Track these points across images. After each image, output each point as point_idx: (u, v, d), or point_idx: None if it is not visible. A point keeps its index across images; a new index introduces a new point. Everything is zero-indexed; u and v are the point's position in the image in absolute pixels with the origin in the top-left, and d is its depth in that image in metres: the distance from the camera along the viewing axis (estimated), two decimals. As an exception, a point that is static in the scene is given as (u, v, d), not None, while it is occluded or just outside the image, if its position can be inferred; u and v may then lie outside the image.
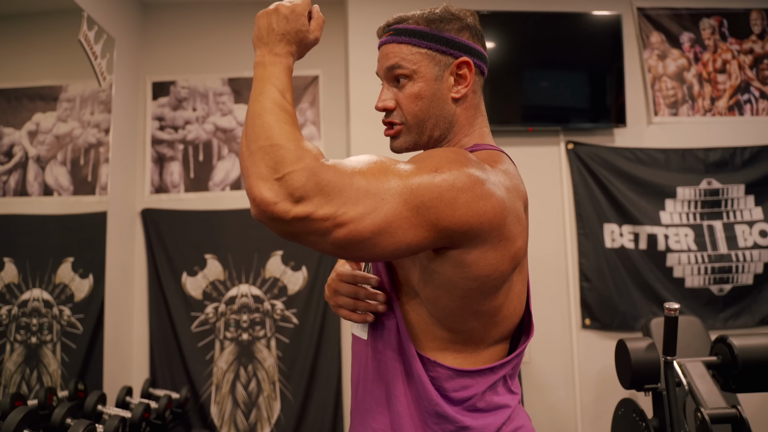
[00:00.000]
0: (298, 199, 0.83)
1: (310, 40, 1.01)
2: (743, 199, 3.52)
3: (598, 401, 3.33)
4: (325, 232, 0.85)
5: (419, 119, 1.13)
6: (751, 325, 3.44)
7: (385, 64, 1.14)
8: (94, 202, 3.03)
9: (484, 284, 0.98)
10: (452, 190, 0.90)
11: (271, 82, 0.94)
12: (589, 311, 3.38)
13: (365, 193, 0.86)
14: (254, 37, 0.99)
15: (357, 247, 0.88)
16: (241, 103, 3.64)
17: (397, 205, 0.87)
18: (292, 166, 0.83)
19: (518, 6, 3.51)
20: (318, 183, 0.83)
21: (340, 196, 0.84)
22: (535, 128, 3.45)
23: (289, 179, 0.83)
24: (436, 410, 1.03)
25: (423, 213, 0.89)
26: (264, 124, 0.88)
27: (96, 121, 3.04)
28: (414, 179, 0.89)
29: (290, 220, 0.83)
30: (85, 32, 2.81)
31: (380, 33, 1.18)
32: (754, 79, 3.67)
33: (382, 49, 1.16)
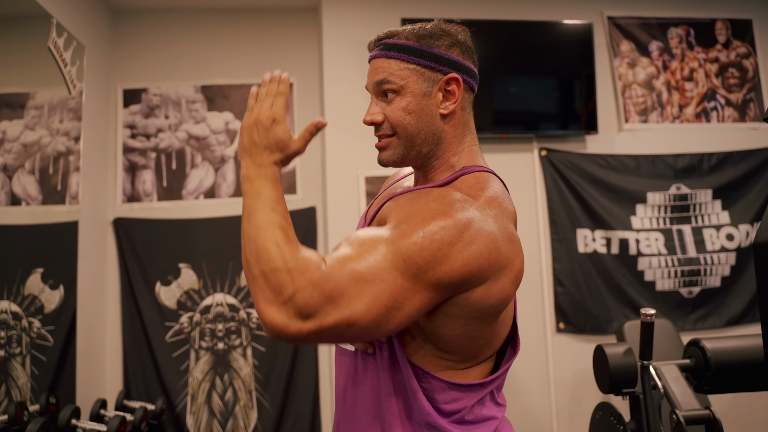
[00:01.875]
0: (308, 315, 0.86)
1: (292, 151, 1.02)
2: (711, 203, 3.61)
3: (573, 404, 3.38)
4: (341, 332, 0.89)
5: (409, 133, 1.13)
6: (719, 326, 3.53)
7: (374, 79, 1.14)
8: (64, 212, 2.98)
9: (488, 313, 1.00)
10: (443, 246, 0.92)
11: (260, 198, 0.95)
12: (563, 315, 3.43)
13: (364, 281, 0.89)
14: (239, 149, 1.02)
15: (374, 331, 0.91)
16: (213, 110, 3.62)
17: (397, 280, 0.90)
18: (295, 286, 0.86)
19: (491, 15, 3.55)
20: (323, 293, 0.87)
21: (344, 297, 0.87)
22: (509, 135, 3.49)
23: (296, 300, 0.86)
24: (428, 420, 1.04)
25: (421, 277, 0.91)
26: (260, 247, 0.90)
27: (65, 129, 2.99)
28: (404, 244, 0.92)
29: (306, 336, 0.87)
30: (55, 39, 2.77)
31: (371, 47, 1.18)
32: (720, 87, 3.77)
33: (371, 64, 1.16)
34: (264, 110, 1.01)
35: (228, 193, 3.57)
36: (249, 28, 3.71)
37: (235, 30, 3.71)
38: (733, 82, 3.78)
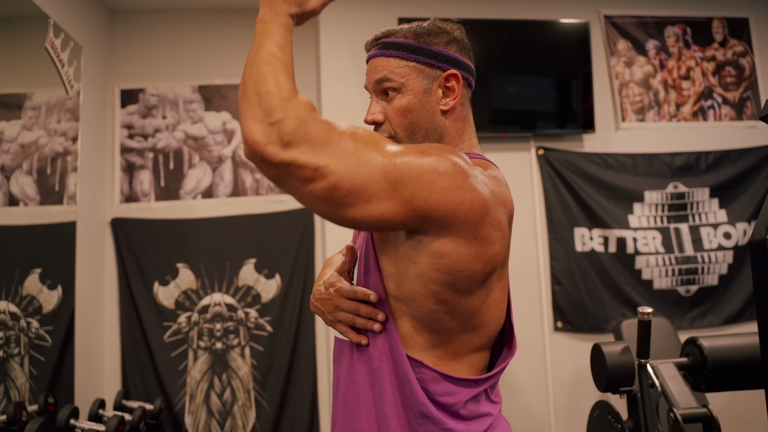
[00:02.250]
0: (286, 144, 0.89)
1: (309, 8, 1.02)
2: (708, 202, 3.62)
3: (571, 403, 3.38)
4: (306, 180, 0.91)
5: (409, 132, 1.14)
6: (717, 324, 3.53)
7: (374, 77, 1.15)
8: (62, 212, 2.98)
9: (456, 279, 1.00)
10: (433, 172, 0.94)
11: (270, 36, 0.97)
12: (561, 314, 3.43)
13: (350, 154, 0.92)
14: None
15: (333, 203, 0.93)
16: (211, 110, 3.62)
17: (377, 174, 0.93)
18: (284, 113, 0.90)
19: (487, 14, 3.55)
20: (306, 133, 0.90)
21: (325, 149, 0.91)
22: (507, 134, 3.49)
23: (281, 125, 0.89)
24: (422, 410, 1.05)
25: (400, 188, 0.94)
26: (261, 72, 0.93)
27: (63, 129, 2.98)
28: (399, 157, 0.95)
29: (277, 163, 0.90)
30: (52, 39, 2.76)
31: (368, 47, 1.20)
32: (717, 86, 3.78)
33: (370, 63, 1.17)
34: None
35: (225, 193, 3.56)
36: (246, 28, 3.71)
37: (231, 30, 3.71)
38: (730, 80, 3.79)
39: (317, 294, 1.22)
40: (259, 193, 3.58)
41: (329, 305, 1.17)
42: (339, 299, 1.15)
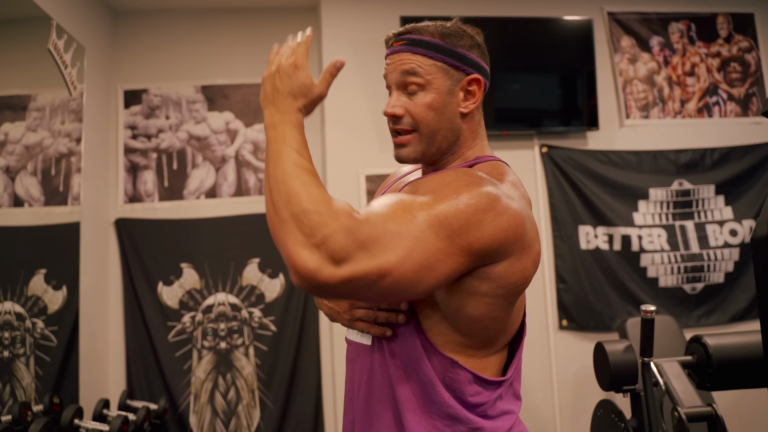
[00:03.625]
0: (341, 260, 0.83)
1: (315, 94, 1.00)
2: (714, 199, 3.59)
3: (576, 401, 3.37)
4: (372, 284, 0.87)
5: (431, 130, 1.14)
6: (723, 322, 3.51)
7: (401, 68, 1.14)
8: (66, 213, 2.98)
9: (511, 291, 1.02)
10: (477, 212, 0.94)
11: (286, 142, 0.93)
12: (566, 312, 3.42)
13: (400, 236, 0.88)
14: (261, 99, 1.00)
15: (403, 289, 0.90)
16: (214, 110, 3.62)
17: (431, 239, 0.90)
18: (328, 229, 0.83)
19: (491, 12, 3.54)
20: (357, 239, 0.84)
21: (378, 245, 0.86)
22: (510, 132, 3.48)
23: (329, 243, 0.83)
24: (449, 412, 1.06)
25: (455, 240, 0.92)
26: (290, 190, 0.87)
27: (67, 130, 2.99)
28: (438, 208, 0.92)
29: (337, 284, 0.84)
30: (55, 41, 2.77)
31: (390, 41, 1.20)
32: (722, 82, 3.75)
33: (394, 57, 1.17)
34: (285, 58, 1.00)
35: (229, 192, 3.57)
36: (248, 28, 3.71)
37: (234, 30, 3.71)
38: (735, 76, 3.76)
39: None
40: (263, 192, 3.58)
41: (344, 304, 1.15)
42: None
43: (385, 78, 1.18)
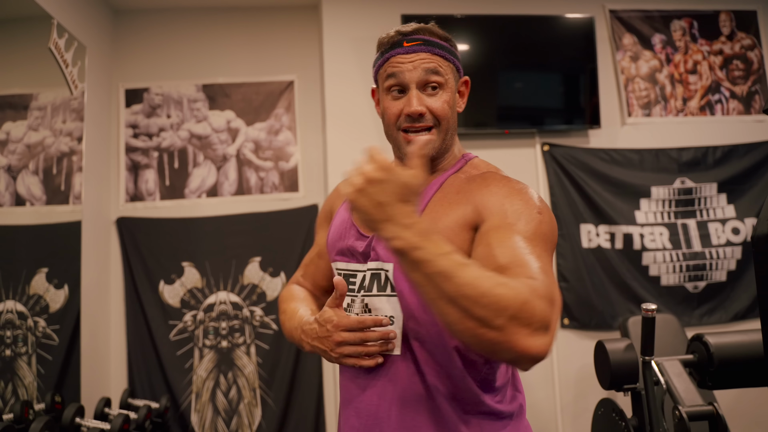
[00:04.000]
0: (548, 327, 0.87)
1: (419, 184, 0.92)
2: (716, 197, 3.58)
3: (578, 400, 3.37)
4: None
5: (447, 126, 1.21)
6: (725, 321, 3.50)
7: (423, 66, 1.17)
8: (68, 212, 2.99)
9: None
10: (550, 219, 1.08)
11: (442, 256, 0.87)
12: (568, 311, 3.42)
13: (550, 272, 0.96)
14: (366, 222, 0.90)
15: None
16: (215, 109, 3.62)
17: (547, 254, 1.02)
18: (538, 308, 0.85)
19: (492, 9, 3.53)
20: (550, 300, 0.89)
21: (555, 294, 0.91)
22: (511, 131, 3.47)
23: (544, 319, 0.86)
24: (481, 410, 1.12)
25: (551, 249, 1.06)
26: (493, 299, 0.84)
27: (68, 129, 2.99)
28: (539, 230, 1.03)
29: (550, 347, 0.88)
30: (56, 40, 2.77)
31: (396, 40, 1.21)
32: (724, 80, 3.74)
33: (412, 56, 1.19)
34: (366, 169, 0.89)
35: (230, 191, 3.57)
36: (249, 27, 3.71)
37: (235, 28, 3.71)
38: (738, 74, 3.75)
39: (312, 333, 1.20)
40: (264, 191, 3.58)
41: (330, 343, 1.15)
42: (340, 334, 1.14)
43: (392, 76, 1.19)
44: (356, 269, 1.23)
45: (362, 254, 1.22)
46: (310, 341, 1.20)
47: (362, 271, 1.22)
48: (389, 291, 1.16)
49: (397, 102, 1.20)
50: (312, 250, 1.49)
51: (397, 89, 1.20)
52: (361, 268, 1.22)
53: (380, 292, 1.18)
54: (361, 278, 1.21)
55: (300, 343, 1.24)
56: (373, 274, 1.19)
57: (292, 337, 1.29)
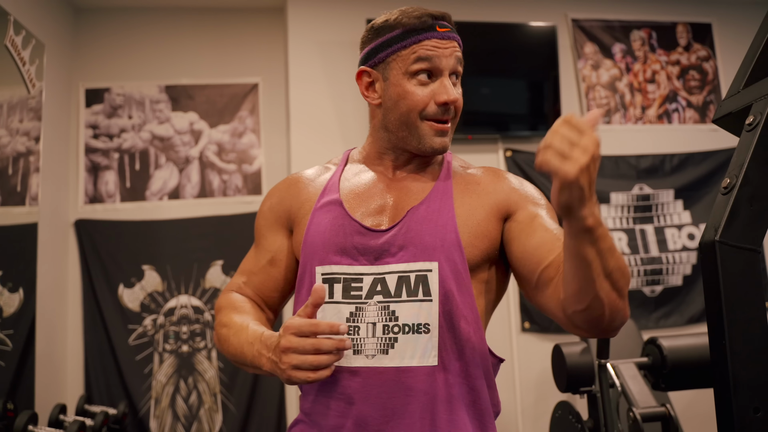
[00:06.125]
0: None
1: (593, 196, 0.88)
2: (672, 203, 3.67)
3: (538, 402, 3.41)
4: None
5: (457, 121, 1.17)
6: (681, 324, 3.58)
7: (456, 55, 1.14)
8: (23, 213, 2.92)
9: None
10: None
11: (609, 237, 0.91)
12: (528, 315, 3.46)
13: None
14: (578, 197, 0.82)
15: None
16: (178, 110, 3.57)
17: None
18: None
19: (457, 16, 3.54)
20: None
21: None
22: (475, 136, 3.51)
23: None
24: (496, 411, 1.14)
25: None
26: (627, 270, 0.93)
27: (25, 128, 2.93)
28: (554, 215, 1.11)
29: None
30: (12, 37, 2.71)
31: (432, 24, 1.13)
32: (681, 89, 3.84)
33: (446, 42, 1.13)
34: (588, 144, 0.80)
35: (192, 194, 3.52)
36: (214, 28, 3.68)
37: (199, 29, 3.67)
38: (694, 84, 3.85)
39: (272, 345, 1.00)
40: (227, 194, 3.55)
41: (277, 351, 0.97)
42: (288, 338, 0.95)
43: (426, 60, 1.10)
44: (361, 272, 1.07)
45: (376, 252, 1.08)
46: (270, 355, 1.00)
47: (372, 274, 1.07)
48: (422, 296, 1.04)
49: (424, 88, 1.10)
50: (259, 256, 1.22)
51: (427, 74, 1.10)
52: (368, 270, 1.07)
53: (410, 297, 1.05)
54: (371, 282, 1.06)
55: (256, 360, 1.03)
56: (401, 277, 1.05)
57: (242, 354, 1.06)
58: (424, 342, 1.03)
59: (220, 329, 1.15)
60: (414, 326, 1.04)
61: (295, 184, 1.23)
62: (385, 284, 1.05)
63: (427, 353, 1.03)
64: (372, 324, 1.04)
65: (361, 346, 1.04)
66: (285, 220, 1.20)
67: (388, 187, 1.15)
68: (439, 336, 1.04)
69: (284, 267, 1.20)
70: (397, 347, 1.03)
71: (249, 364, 1.06)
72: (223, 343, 1.13)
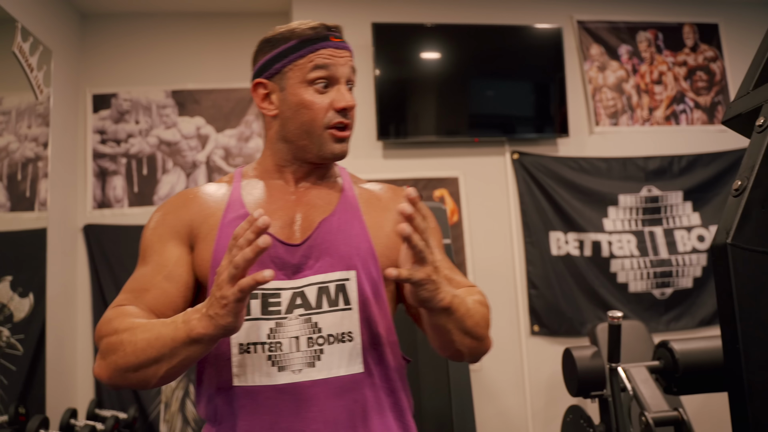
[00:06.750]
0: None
1: None
2: (682, 205, 3.65)
3: (548, 406, 3.39)
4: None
5: (353, 129, 1.18)
6: (692, 326, 3.56)
7: (350, 64, 1.15)
8: (33, 219, 2.93)
9: None
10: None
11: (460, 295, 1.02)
12: (537, 318, 3.44)
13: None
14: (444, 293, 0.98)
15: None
16: (185, 115, 3.58)
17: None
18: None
19: (463, 19, 3.56)
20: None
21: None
22: (481, 139, 3.50)
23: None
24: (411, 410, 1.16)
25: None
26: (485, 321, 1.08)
27: (34, 134, 2.94)
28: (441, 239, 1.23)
29: None
30: (20, 43, 2.72)
31: (326, 34, 1.14)
32: (689, 90, 3.82)
33: (342, 51, 1.14)
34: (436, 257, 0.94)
35: (200, 198, 3.53)
36: (219, 33, 3.68)
37: (205, 35, 3.68)
38: (702, 85, 3.83)
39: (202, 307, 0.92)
40: (234, 198, 3.55)
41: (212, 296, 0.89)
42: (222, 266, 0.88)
43: (323, 68, 1.10)
44: (279, 287, 1.05)
45: (294, 266, 1.06)
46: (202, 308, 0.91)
47: (290, 289, 1.05)
48: (342, 305, 1.05)
49: (322, 96, 1.10)
50: (151, 273, 1.10)
51: (324, 83, 1.11)
52: (286, 285, 1.05)
53: (332, 308, 1.04)
54: (290, 296, 1.04)
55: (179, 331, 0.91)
56: (320, 288, 1.05)
57: (156, 339, 0.93)
58: (348, 350, 1.04)
59: (117, 336, 0.96)
60: (338, 335, 1.03)
61: (194, 200, 1.15)
62: (305, 297, 1.04)
63: (353, 361, 1.04)
64: (295, 338, 1.02)
65: (286, 361, 1.01)
66: (185, 235, 1.11)
67: (293, 200, 1.13)
68: (362, 343, 1.05)
69: (183, 283, 1.08)
70: (324, 358, 1.02)
71: (167, 347, 0.92)
72: (126, 345, 0.94)
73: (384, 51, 3.37)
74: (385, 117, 3.36)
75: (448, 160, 3.47)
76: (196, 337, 0.89)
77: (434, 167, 3.45)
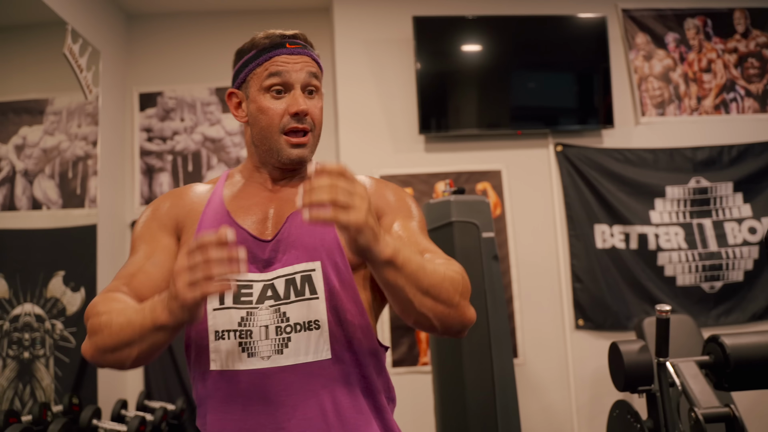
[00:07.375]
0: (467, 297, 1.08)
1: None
2: (732, 196, 3.55)
3: (593, 401, 3.35)
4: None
5: (319, 132, 1.20)
6: (743, 321, 3.47)
7: (308, 69, 1.16)
8: (83, 215, 3.02)
9: None
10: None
11: (412, 253, 1.02)
12: (582, 312, 3.40)
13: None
14: (369, 241, 0.91)
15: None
16: (228, 112, 3.64)
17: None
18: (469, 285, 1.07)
19: (504, 10, 3.52)
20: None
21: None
22: (524, 131, 3.47)
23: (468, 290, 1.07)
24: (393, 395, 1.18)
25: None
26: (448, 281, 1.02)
27: (83, 133, 3.03)
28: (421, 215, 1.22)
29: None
30: (70, 45, 2.80)
31: (281, 41, 1.18)
32: (739, 78, 3.71)
33: (296, 57, 1.17)
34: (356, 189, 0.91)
35: (244, 194, 3.59)
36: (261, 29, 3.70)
37: (247, 31, 3.66)
38: (753, 72, 3.71)
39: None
40: (277, 193, 3.60)
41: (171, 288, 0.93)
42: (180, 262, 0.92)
43: (276, 75, 1.15)
44: (251, 279, 1.10)
45: (265, 261, 1.12)
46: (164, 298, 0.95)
47: (261, 281, 1.10)
48: (308, 294, 1.09)
49: (278, 102, 1.15)
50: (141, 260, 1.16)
51: (279, 89, 1.15)
52: (258, 277, 1.10)
53: (298, 297, 1.09)
54: (261, 288, 1.09)
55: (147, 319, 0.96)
56: (287, 280, 1.10)
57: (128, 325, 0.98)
58: (315, 337, 1.07)
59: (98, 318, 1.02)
60: (305, 324, 1.08)
61: (181, 196, 1.23)
62: (275, 289, 1.10)
63: (320, 348, 1.08)
64: (264, 327, 1.08)
65: (254, 348, 1.07)
66: (171, 227, 1.19)
67: (268, 198, 1.19)
68: (329, 330, 1.08)
69: (167, 269, 1.12)
70: (291, 346, 1.07)
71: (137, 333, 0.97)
72: (104, 328, 1.00)
73: (425, 44, 3.36)
74: (427, 111, 3.35)
75: (490, 153, 3.44)
76: (160, 325, 0.95)
77: (476, 160, 3.43)
